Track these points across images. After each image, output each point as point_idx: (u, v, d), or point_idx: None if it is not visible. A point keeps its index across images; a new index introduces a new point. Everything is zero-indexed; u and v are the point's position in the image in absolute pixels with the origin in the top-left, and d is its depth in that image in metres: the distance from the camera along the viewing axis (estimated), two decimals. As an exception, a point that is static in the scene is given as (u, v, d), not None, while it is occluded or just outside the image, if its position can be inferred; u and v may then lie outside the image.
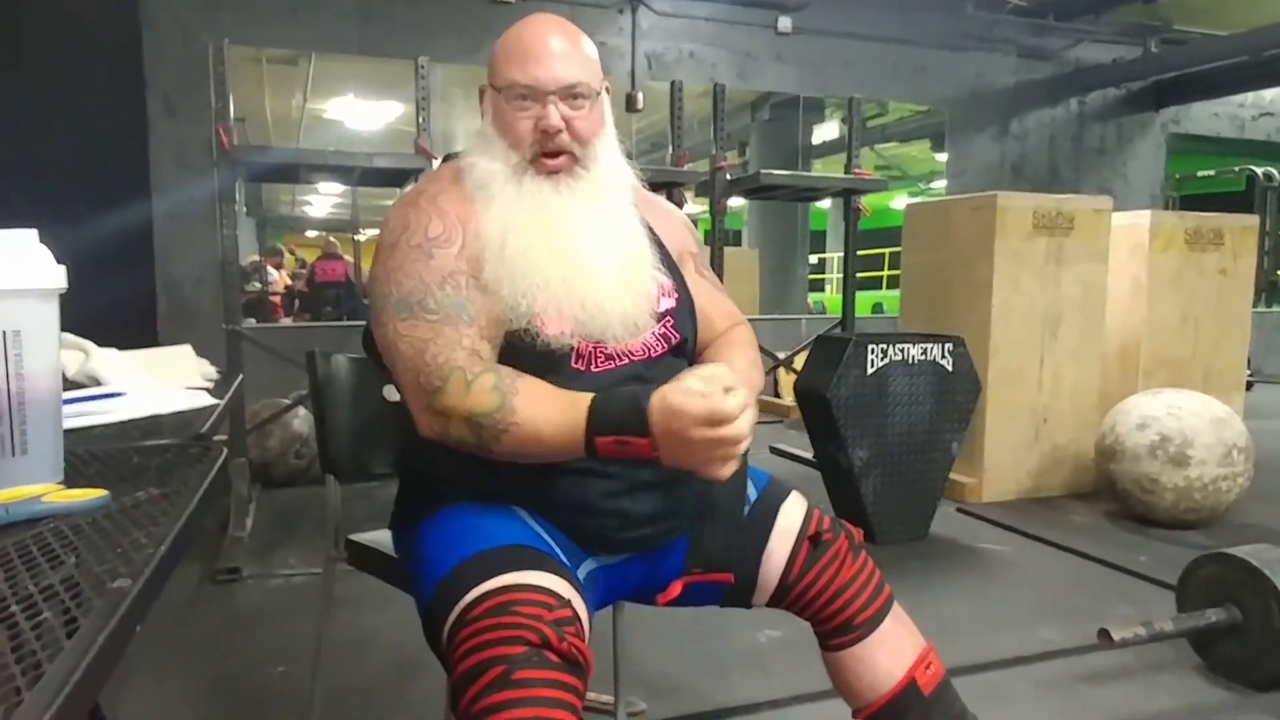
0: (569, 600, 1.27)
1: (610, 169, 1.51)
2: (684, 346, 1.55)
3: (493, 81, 1.46)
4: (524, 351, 1.38)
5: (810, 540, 1.56)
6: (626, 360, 1.44)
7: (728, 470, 1.25)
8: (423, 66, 4.25)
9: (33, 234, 0.94)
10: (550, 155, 1.44)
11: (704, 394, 1.21)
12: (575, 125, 1.44)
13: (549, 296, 1.38)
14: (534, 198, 1.43)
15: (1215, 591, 2.45)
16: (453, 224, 1.41)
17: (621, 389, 1.32)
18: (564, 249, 1.41)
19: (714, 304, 1.66)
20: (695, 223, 1.82)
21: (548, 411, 1.29)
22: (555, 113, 1.42)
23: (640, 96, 6.33)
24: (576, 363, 1.41)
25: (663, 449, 1.24)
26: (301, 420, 4.77)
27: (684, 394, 1.22)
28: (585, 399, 1.28)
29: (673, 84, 4.91)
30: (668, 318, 1.51)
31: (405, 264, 1.38)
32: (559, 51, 1.43)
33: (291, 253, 15.55)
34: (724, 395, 1.22)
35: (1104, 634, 2.28)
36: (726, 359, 1.54)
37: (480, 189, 1.44)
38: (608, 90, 1.53)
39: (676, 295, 1.54)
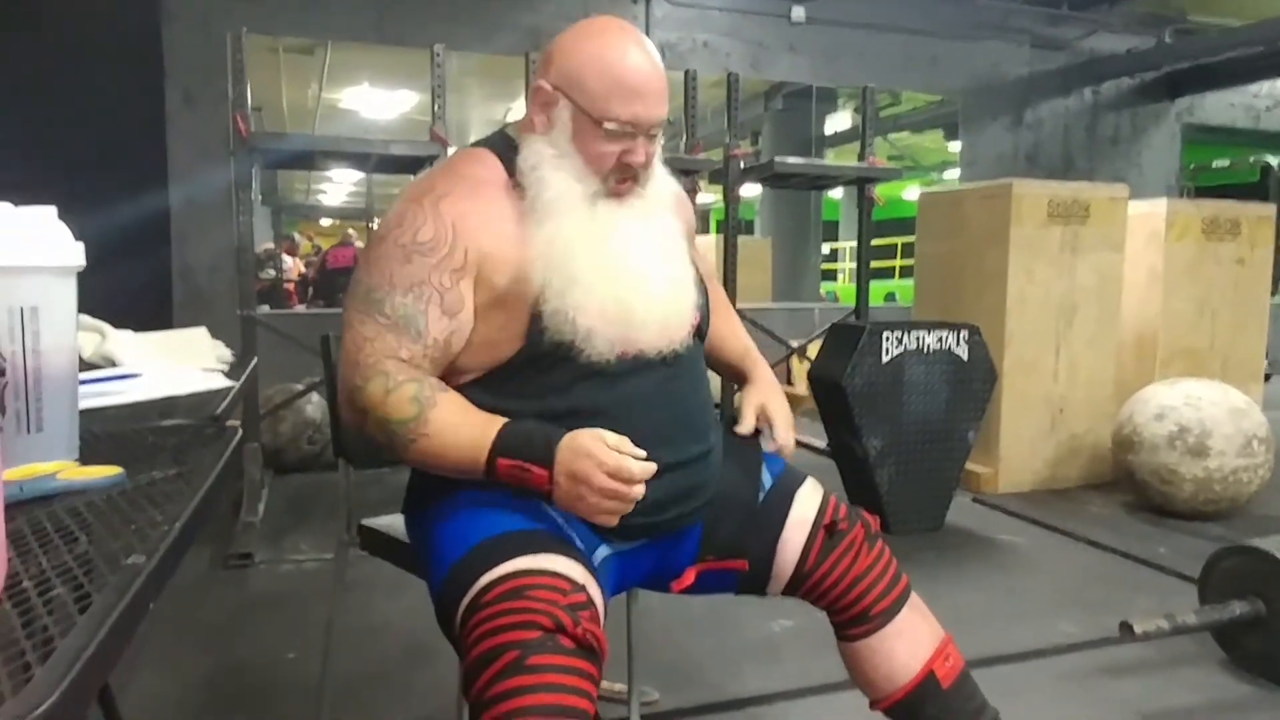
0: (584, 585, 1.26)
1: (660, 183, 1.52)
2: (702, 326, 1.55)
3: (579, 101, 1.40)
4: (564, 358, 1.38)
5: (826, 529, 1.55)
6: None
7: (611, 522, 1.29)
8: (438, 55, 4.24)
9: (51, 211, 0.92)
10: (622, 180, 1.44)
11: (618, 449, 1.26)
12: (650, 155, 1.44)
13: (599, 312, 1.37)
14: (604, 220, 1.42)
15: (1238, 584, 2.42)
16: (445, 233, 1.37)
17: (534, 424, 1.33)
18: (621, 268, 1.41)
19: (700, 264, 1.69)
20: (708, 212, 1.84)
21: (459, 429, 1.32)
22: (644, 149, 1.42)
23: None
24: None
25: (559, 487, 1.27)
26: (314, 406, 4.77)
27: (596, 440, 1.26)
28: (499, 423, 1.31)
29: (687, 73, 4.89)
30: (695, 314, 1.52)
31: (383, 259, 1.38)
32: (658, 88, 1.41)
33: (310, 239, 15.59)
34: (633, 458, 1.26)
35: (1125, 626, 2.26)
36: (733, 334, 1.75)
37: (547, 205, 1.40)
38: None
39: (699, 286, 1.55)
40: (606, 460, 1.24)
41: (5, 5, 5.34)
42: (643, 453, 1.27)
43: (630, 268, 1.42)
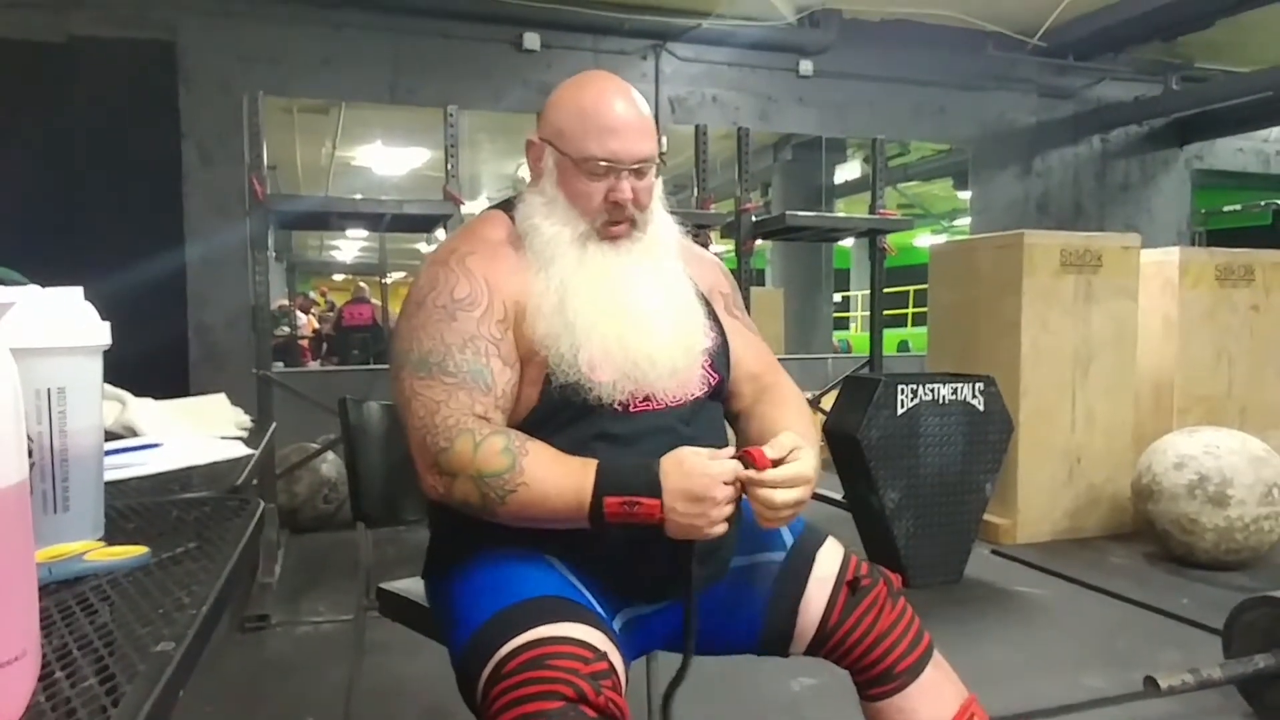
0: (605, 653, 1.25)
1: (661, 227, 1.54)
2: (720, 388, 1.55)
3: (561, 146, 1.46)
4: (573, 402, 1.39)
5: (849, 585, 1.54)
6: (663, 405, 1.44)
7: (721, 529, 1.30)
8: (451, 115, 4.30)
9: (78, 292, 0.94)
10: (615, 222, 1.46)
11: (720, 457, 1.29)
12: (640, 195, 1.46)
13: (604, 354, 1.39)
14: (598, 263, 1.45)
15: (1263, 636, 2.39)
16: (480, 287, 1.41)
17: (627, 460, 1.33)
18: (621, 309, 1.43)
19: (750, 349, 1.65)
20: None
21: (555, 475, 1.31)
22: (629, 187, 1.44)
23: (664, 140, 6.36)
24: (614, 405, 1.41)
25: (674, 511, 1.27)
26: (330, 465, 4.78)
27: (695, 455, 1.29)
28: (593, 462, 1.31)
29: (697, 128, 4.94)
30: (704, 357, 1.51)
31: (428, 324, 1.39)
32: (635, 125, 1.44)
33: (323, 294, 15.73)
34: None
35: (1150, 681, 2.23)
36: (787, 424, 1.50)
37: (539, 252, 1.45)
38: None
39: (711, 335, 1.55)
40: (721, 470, 1.26)
41: (32, 65, 5.48)
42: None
43: (629, 309, 1.43)
